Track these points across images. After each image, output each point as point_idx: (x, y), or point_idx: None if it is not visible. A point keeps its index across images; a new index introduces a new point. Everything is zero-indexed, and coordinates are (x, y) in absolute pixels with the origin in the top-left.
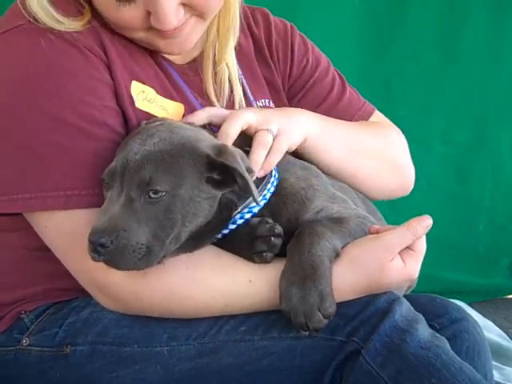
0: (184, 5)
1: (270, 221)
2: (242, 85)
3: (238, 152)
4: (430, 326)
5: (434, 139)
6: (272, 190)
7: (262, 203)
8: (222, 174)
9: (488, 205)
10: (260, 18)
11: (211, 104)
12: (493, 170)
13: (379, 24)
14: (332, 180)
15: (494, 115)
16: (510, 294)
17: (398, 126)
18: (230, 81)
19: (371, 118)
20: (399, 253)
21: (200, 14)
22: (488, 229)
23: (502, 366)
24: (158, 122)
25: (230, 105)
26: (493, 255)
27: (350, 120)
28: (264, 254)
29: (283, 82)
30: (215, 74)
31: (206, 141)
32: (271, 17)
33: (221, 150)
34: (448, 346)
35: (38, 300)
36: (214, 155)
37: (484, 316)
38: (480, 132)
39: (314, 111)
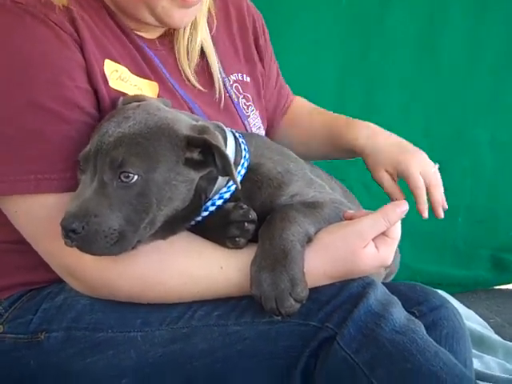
0: None
1: (245, 206)
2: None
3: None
4: (410, 313)
5: (415, 134)
6: (243, 172)
7: (233, 188)
8: (203, 153)
9: (467, 198)
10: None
11: (185, 78)
12: (472, 164)
13: (363, 25)
14: (311, 166)
15: (473, 112)
16: (490, 287)
17: (381, 122)
18: (204, 52)
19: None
20: (373, 239)
21: None
22: (467, 222)
23: (482, 354)
24: (135, 104)
25: (207, 77)
26: (473, 248)
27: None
28: (237, 239)
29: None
30: (187, 45)
31: (184, 122)
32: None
33: (203, 129)
34: (423, 330)
35: (10, 290)
36: (196, 134)
37: (466, 306)
38: (459, 128)
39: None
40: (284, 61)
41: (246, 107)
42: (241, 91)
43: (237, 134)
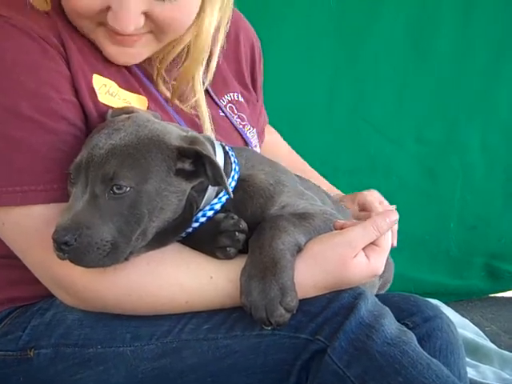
0: (147, 16)
1: (235, 216)
2: (206, 88)
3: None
4: (404, 324)
5: (406, 138)
6: (233, 184)
7: (224, 199)
8: (194, 163)
9: (458, 204)
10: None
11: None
12: (463, 168)
13: (353, 25)
14: (301, 179)
15: (465, 115)
16: (484, 295)
17: (372, 125)
18: (193, 90)
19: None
20: (363, 248)
21: (158, 32)
22: (459, 228)
23: (478, 363)
24: (124, 116)
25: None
26: (466, 255)
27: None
28: (227, 249)
29: (248, 79)
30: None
31: (174, 133)
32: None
33: (193, 140)
34: (415, 341)
35: (2, 305)
36: (186, 144)
37: (461, 314)
38: (451, 131)
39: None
40: (275, 63)
41: (241, 126)
42: (235, 111)
43: (227, 148)
